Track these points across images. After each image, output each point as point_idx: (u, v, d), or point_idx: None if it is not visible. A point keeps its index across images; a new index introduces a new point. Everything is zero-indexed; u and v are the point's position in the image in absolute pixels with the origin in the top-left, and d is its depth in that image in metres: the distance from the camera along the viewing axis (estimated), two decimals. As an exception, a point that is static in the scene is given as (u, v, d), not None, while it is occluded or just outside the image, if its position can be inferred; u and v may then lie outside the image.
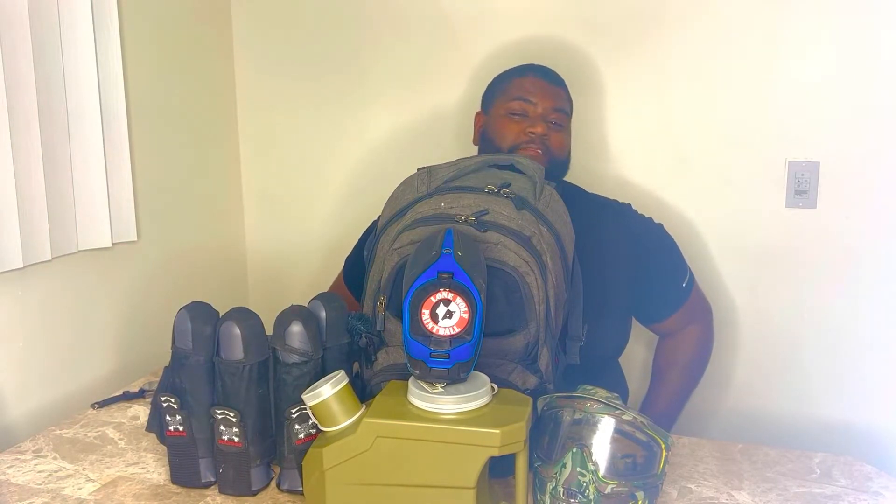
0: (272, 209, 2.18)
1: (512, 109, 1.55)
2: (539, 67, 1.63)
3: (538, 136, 1.52)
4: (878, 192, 1.71)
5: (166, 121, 1.86)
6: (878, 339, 1.75)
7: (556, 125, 1.55)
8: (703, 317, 1.69)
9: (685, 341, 1.67)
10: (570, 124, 1.61)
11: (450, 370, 0.96)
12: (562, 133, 1.56)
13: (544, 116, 1.54)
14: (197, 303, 1.15)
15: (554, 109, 1.55)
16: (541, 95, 1.55)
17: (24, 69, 1.39)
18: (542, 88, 1.56)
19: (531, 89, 1.56)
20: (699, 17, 1.77)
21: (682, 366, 1.67)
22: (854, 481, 1.15)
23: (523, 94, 1.55)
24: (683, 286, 1.62)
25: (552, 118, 1.54)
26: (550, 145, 1.53)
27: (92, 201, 1.57)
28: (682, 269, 1.64)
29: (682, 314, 1.64)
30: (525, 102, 1.54)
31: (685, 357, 1.67)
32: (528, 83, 1.57)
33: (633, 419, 1.00)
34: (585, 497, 0.98)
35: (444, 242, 1.01)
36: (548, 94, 1.56)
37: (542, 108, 1.54)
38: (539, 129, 1.52)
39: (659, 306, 1.62)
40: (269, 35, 2.09)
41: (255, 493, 1.12)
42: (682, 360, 1.67)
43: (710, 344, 1.70)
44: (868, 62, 1.68)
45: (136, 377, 1.66)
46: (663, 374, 1.67)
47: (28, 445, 1.30)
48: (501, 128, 1.55)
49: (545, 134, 1.52)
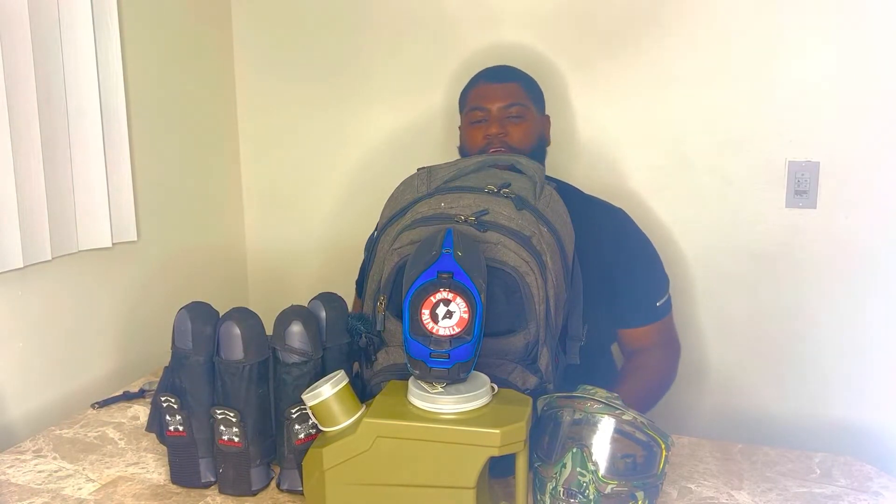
0: (272, 209, 2.18)
1: (472, 119, 1.62)
2: (487, 71, 1.68)
3: (495, 135, 1.57)
4: (878, 192, 1.71)
5: (166, 121, 1.86)
6: (879, 339, 1.75)
7: (515, 118, 1.59)
8: (670, 347, 1.65)
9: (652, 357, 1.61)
10: (534, 112, 1.63)
11: (450, 370, 0.96)
12: (522, 124, 1.60)
13: (499, 116, 1.59)
14: (197, 303, 1.15)
15: (507, 106, 1.59)
16: (491, 98, 1.60)
17: (24, 69, 1.39)
18: (491, 91, 1.62)
19: (482, 95, 1.62)
20: (699, 17, 1.77)
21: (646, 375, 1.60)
22: (854, 481, 1.15)
23: (477, 102, 1.62)
24: (658, 305, 1.60)
25: (509, 113, 1.59)
26: (511, 140, 1.57)
27: (92, 201, 1.57)
28: (661, 288, 1.62)
29: (650, 333, 1.60)
30: (480, 110, 1.61)
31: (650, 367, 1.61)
32: (479, 91, 1.64)
33: (633, 419, 0.99)
34: (585, 497, 0.98)
35: (444, 242, 1.01)
36: (498, 94, 1.61)
37: (495, 109, 1.59)
38: (493, 129, 1.57)
39: (629, 312, 1.59)
40: (269, 35, 2.09)
41: (255, 493, 1.12)
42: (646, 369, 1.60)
43: (672, 373, 1.64)
44: (868, 62, 1.68)
45: (136, 377, 1.66)
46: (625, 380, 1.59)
47: (28, 445, 1.30)
48: (468, 136, 1.63)
49: (502, 132, 1.57)
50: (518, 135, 1.58)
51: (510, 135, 1.58)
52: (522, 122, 1.60)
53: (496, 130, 1.57)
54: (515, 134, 1.58)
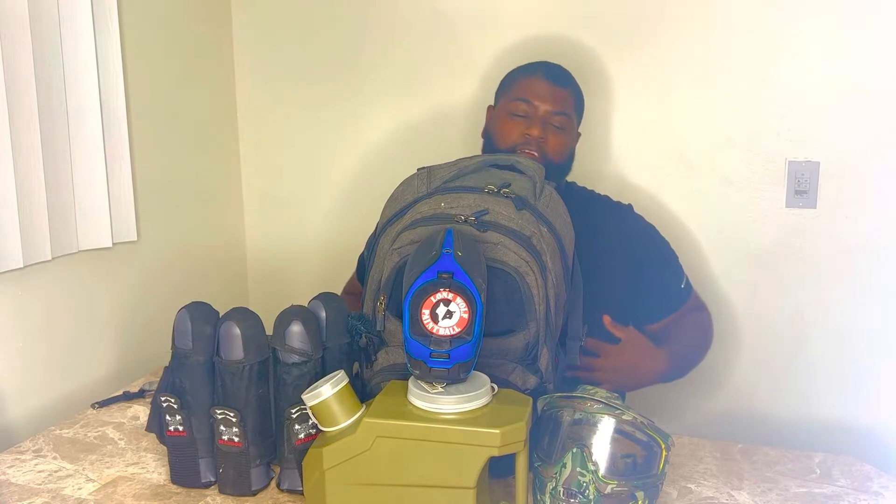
0: (272, 209, 2.18)
1: (514, 110, 1.55)
2: (548, 67, 1.61)
3: (534, 138, 1.51)
4: (878, 192, 1.71)
5: (166, 121, 1.86)
6: (879, 339, 1.75)
7: (557, 128, 1.54)
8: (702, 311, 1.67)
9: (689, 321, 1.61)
10: (574, 126, 1.60)
11: (450, 370, 0.96)
12: (562, 136, 1.55)
13: (545, 119, 1.54)
14: (197, 303, 1.15)
15: (556, 113, 1.54)
16: (543, 98, 1.54)
17: (24, 69, 1.39)
18: (546, 90, 1.55)
19: (535, 91, 1.55)
20: (700, 17, 1.77)
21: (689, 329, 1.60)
22: (854, 481, 1.15)
23: (526, 94, 1.55)
24: (682, 287, 1.62)
25: (554, 121, 1.54)
26: (547, 149, 1.53)
27: (92, 201, 1.57)
28: (678, 271, 1.63)
29: (678, 316, 1.62)
30: (527, 104, 1.54)
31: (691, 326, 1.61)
32: (534, 84, 1.56)
33: (633, 419, 1.00)
34: (585, 497, 0.98)
35: (444, 242, 1.01)
36: (551, 96, 1.55)
37: (542, 110, 1.53)
38: (535, 131, 1.51)
39: (655, 308, 1.61)
40: (269, 36, 2.09)
41: (255, 493, 1.12)
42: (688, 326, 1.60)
43: (709, 330, 1.64)
44: (868, 62, 1.68)
45: (136, 377, 1.66)
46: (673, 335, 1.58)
47: (28, 445, 1.30)
48: (502, 126, 1.56)
49: (542, 137, 1.52)
50: (556, 144, 1.53)
51: (548, 142, 1.52)
52: (563, 134, 1.55)
53: (537, 133, 1.51)
54: (553, 143, 1.53)
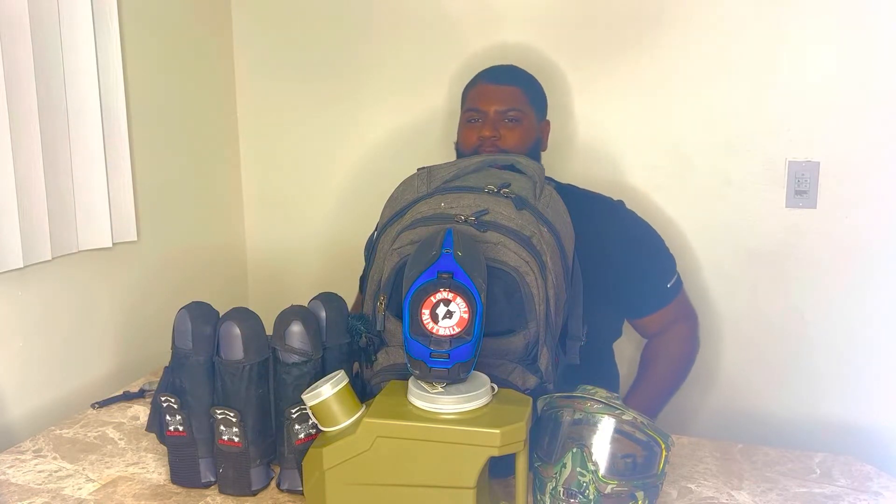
0: (272, 209, 2.18)
1: (468, 118, 1.63)
2: (491, 71, 1.68)
3: (488, 139, 1.57)
4: (878, 192, 1.71)
5: (166, 121, 1.86)
6: (879, 339, 1.75)
7: (512, 122, 1.59)
8: (688, 320, 1.70)
9: (672, 338, 1.67)
10: (532, 117, 1.63)
11: (450, 370, 0.96)
12: (517, 129, 1.59)
13: (495, 119, 1.59)
14: (197, 303, 1.15)
15: (505, 110, 1.59)
16: (489, 100, 1.60)
17: (24, 69, 1.39)
18: (491, 93, 1.61)
19: (481, 96, 1.62)
20: (699, 17, 1.77)
21: (668, 360, 1.67)
22: (854, 481, 1.15)
23: (474, 103, 1.62)
24: (668, 287, 1.64)
25: (509, 116, 1.59)
26: (504, 144, 1.57)
27: (92, 201, 1.57)
28: (669, 270, 1.65)
29: (665, 314, 1.64)
30: (475, 111, 1.61)
31: (671, 351, 1.68)
32: (479, 90, 1.64)
33: (633, 419, 0.99)
34: (585, 497, 0.98)
35: (444, 242, 1.01)
36: (496, 97, 1.60)
37: (492, 112, 1.59)
38: (487, 132, 1.57)
39: (642, 302, 1.64)
40: (269, 36, 2.09)
41: (255, 493, 1.12)
42: (667, 354, 1.67)
43: (695, 345, 1.71)
44: (868, 62, 1.68)
45: (136, 377, 1.66)
46: (649, 366, 1.67)
47: (28, 445, 1.30)
48: (462, 135, 1.64)
49: (495, 135, 1.57)
50: (512, 139, 1.58)
51: (504, 138, 1.58)
52: (518, 127, 1.59)
53: (489, 133, 1.57)
54: (509, 138, 1.58)
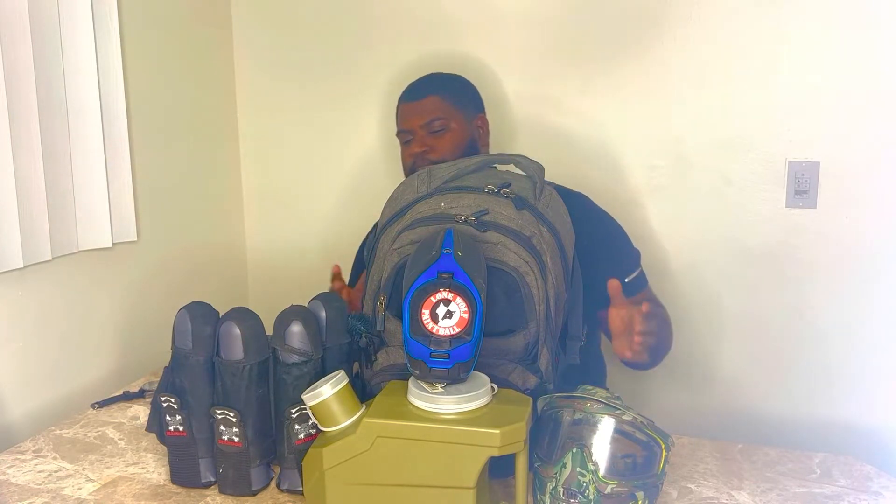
0: (272, 209, 2.18)
1: (401, 140, 1.68)
2: (406, 90, 1.70)
3: (419, 154, 1.61)
4: (878, 192, 1.71)
5: (166, 121, 1.86)
6: (878, 339, 1.75)
7: (438, 132, 1.62)
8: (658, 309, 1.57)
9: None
10: (460, 120, 1.64)
11: (450, 370, 0.96)
12: (446, 135, 1.62)
13: (423, 135, 1.62)
14: (197, 303, 1.15)
15: (429, 122, 1.62)
16: (409, 119, 1.64)
17: (24, 69, 1.39)
18: (408, 111, 1.66)
19: (403, 117, 1.67)
20: (700, 17, 1.77)
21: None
22: (854, 481, 1.15)
23: (400, 125, 1.67)
24: (626, 282, 1.54)
25: (433, 128, 1.62)
26: (435, 156, 1.60)
27: (92, 201, 1.57)
28: (628, 264, 1.58)
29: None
30: (403, 132, 1.66)
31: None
32: (401, 112, 1.68)
33: (633, 419, 0.99)
34: (585, 497, 0.98)
35: (444, 242, 1.01)
36: (414, 113, 1.64)
37: (417, 128, 1.63)
38: (416, 148, 1.62)
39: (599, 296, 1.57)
40: (269, 36, 2.09)
41: (255, 493, 1.12)
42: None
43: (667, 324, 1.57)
44: (868, 62, 1.68)
45: (136, 377, 1.66)
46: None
47: (28, 445, 1.30)
48: (402, 157, 1.68)
49: (425, 149, 1.61)
50: (442, 147, 1.61)
51: (434, 149, 1.61)
52: (446, 134, 1.62)
53: (418, 149, 1.61)
54: (440, 147, 1.61)
